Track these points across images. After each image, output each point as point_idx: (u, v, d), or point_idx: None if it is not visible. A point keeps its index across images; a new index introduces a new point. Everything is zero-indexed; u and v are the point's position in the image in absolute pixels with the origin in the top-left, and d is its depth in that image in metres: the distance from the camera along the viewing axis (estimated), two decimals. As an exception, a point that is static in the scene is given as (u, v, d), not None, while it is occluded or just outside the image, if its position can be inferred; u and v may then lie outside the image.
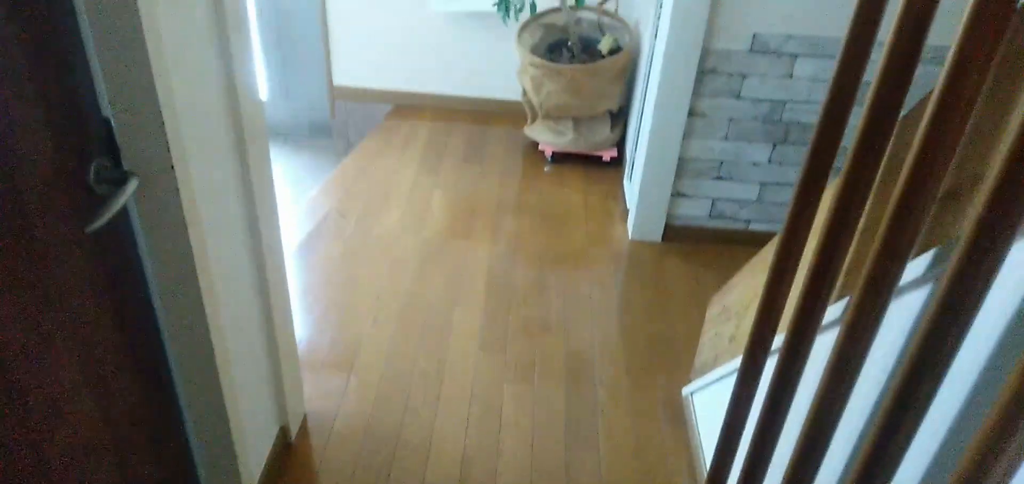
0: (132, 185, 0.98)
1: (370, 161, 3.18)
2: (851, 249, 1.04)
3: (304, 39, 3.60)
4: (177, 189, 1.04)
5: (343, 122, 3.69)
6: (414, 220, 2.77)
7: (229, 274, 1.32)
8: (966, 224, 0.70)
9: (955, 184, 0.93)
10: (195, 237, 1.12)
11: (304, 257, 2.54)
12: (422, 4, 3.34)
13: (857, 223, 0.96)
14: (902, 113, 0.95)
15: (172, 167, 1.02)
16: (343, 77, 3.57)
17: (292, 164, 3.65)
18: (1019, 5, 0.74)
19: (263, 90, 3.78)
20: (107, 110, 0.98)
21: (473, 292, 2.40)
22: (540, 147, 3.25)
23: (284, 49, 3.64)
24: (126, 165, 1.03)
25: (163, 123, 0.98)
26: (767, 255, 1.52)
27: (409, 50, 3.49)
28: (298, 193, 3.38)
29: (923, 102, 1.11)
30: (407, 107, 3.64)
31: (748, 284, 1.61)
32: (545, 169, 3.20)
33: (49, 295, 0.89)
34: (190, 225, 1.10)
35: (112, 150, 1.01)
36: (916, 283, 0.96)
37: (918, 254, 0.93)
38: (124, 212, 1.07)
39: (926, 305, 0.94)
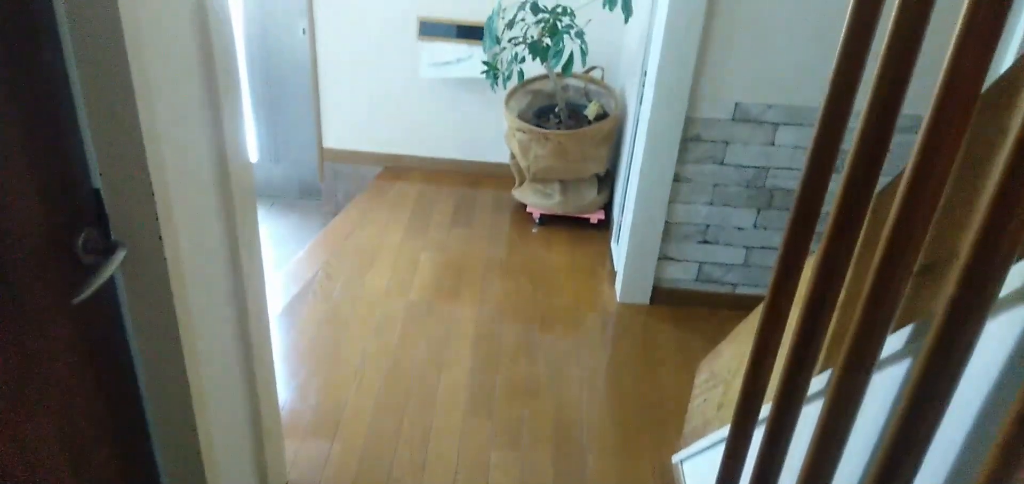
0: (119, 256, 0.98)
1: (357, 223, 3.19)
2: (833, 320, 1.06)
3: (295, 102, 3.65)
4: (164, 259, 1.05)
5: (332, 184, 3.72)
6: (400, 282, 2.76)
7: (213, 341, 1.31)
8: (939, 303, 0.71)
9: (933, 258, 0.95)
10: (180, 308, 1.11)
11: (289, 320, 2.52)
12: (412, 70, 3.42)
13: (837, 297, 0.97)
14: (879, 186, 0.98)
15: (160, 237, 1.03)
16: (333, 139, 3.61)
17: (280, 225, 3.65)
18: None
19: (253, 152, 3.81)
20: (97, 180, 0.99)
21: (459, 355, 2.38)
22: (528, 209, 3.28)
23: (275, 111, 3.69)
24: (114, 235, 1.03)
25: (153, 194, 0.99)
26: (754, 322, 1.53)
27: (399, 114, 3.55)
28: (286, 254, 3.38)
29: (898, 177, 1.14)
30: (396, 169, 3.68)
31: (735, 351, 1.62)
32: (533, 231, 3.23)
33: (31, 363, 0.88)
34: (176, 296, 1.10)
35: (101, 220, 1.02)
36: (897, 356, 0.97)
37: (898, 327, 0.95)
38: (110, 281, 1.06)
39: (906, 379, 0.95)
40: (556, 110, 3.16)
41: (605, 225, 3.26)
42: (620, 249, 2.76)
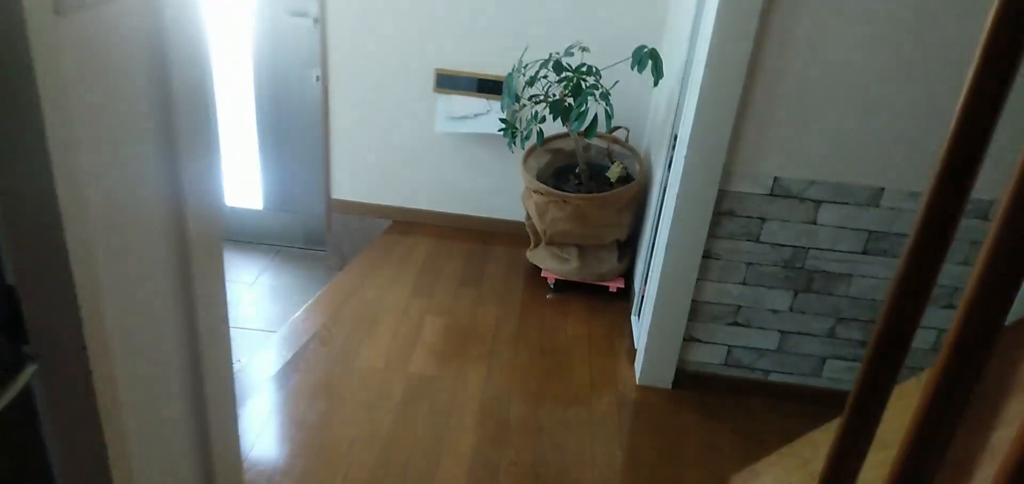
0: (28, 372, 0.79)
1: (361, 280, 3.00)
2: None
3: (304, 150, 3.51)
4: (88, 370, 0.85)
5: (339, 235, 3.55)
6: (401, 351, 2.55)
7: (157, 430, 1.10)
8: None
9: None
10: (110, 426, 0.91)
11: (277, 390, 2.31)
12: (427, 123, 3.26)
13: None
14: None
15: (84, 347, 0.83)
16: (342, 191, 3.46)
17: (283, 277, 3.48)
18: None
19: (257, 200, 3.66)
20: (11, 276, 0.81)
21: (461, 439, 2.15)
22: (542, 273, 3.07)
23: (282, 159, 3.55)
24: (32, 342, 0.84)
25: (75, 296, 0.80)
26: (802, 451, 1.30)
27: (411, 167, 3.39)
28: (285, 310, 3.20)
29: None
30: (406, 223, 3.50)
31: (779, 478, 1.38)
32: (547, 297, 3.01)
33: None
34: (103, 413, 0.90)
35: (16, 323, 0.83)
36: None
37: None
38: (28, 391, 0.87)
39: None
40: (576, 171, 2.98)
41: (624, 294, 3.04)
42: (641, 326, 2.53)
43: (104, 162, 0.86)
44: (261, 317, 3.15)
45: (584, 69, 2.62)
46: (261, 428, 2.14)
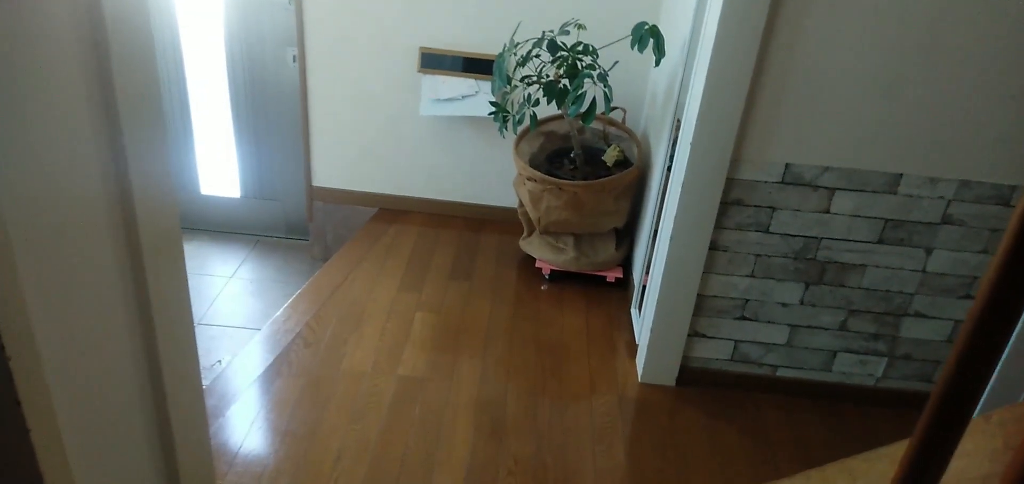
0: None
1: (346, 274, 2.85)
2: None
3: (282, 135, 3.32)
4: (17, 401, 0.70)
5: (321, 223, 3.38)
6: (390, 351, 2.41)
7: (111, 479, 0.96)
8: None
9: None
10: (49, 460, 0.76)
11: (259, 396, 2.17)
12: (412, 106, 3.09)
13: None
14: None
15: (10, 376, 0.68)
16: (323, 177, 3.28)
17: (263, 269, 3.31)
18: None
19: (235, 188, 3.48)
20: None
21: (454, 445, 2.03)
22: (537, 263, 2.94)
23: (260, 145, 3.36)
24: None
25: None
26: (837, 479, 1.18)
27: (396, 153, 3.22)
28: (266, 304, 3.04)
29: None
30: (392, 210, 3.34)
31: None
32: (542, 288, 2.88)
33: None
34: (40, 450, 0.75)
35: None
36: None
37: None
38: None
39: None
40: (571, 155, 2.83)
41: (623, 283, 2.91)
42: (643, 321, 2.41)
43: (29, 150, 0.71)
44: (242, 313, 2.99)
45: (580, 48, 2.45)
46: (242, 440, 2.00)
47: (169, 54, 3.17)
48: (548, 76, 2.50)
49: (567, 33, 2.48)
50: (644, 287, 2.50)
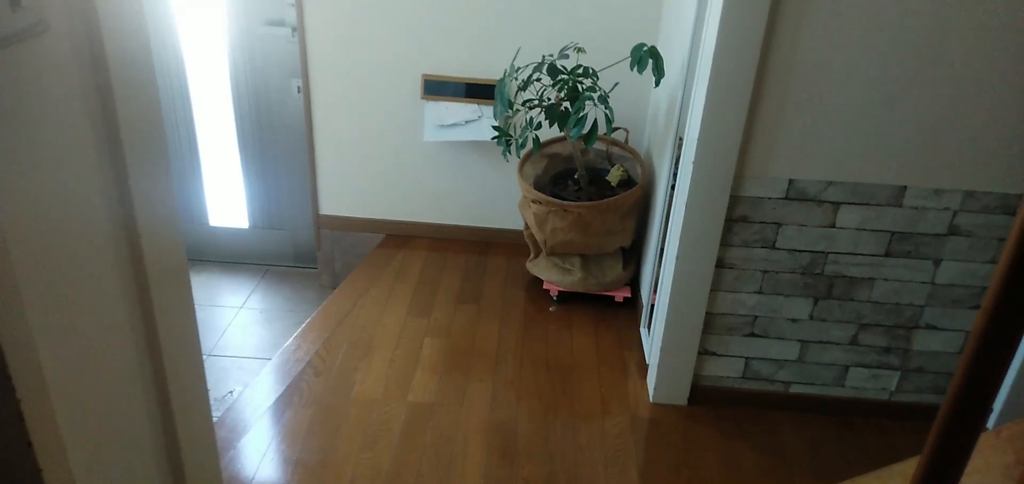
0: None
1: (354, 301, 2.86)
2: None
3: (289, 165, 3.36)
4: (28, 441, 0.71)
5: (329, 251, 3.40)
6: (400, 378, 2.41)
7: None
8: None
9: None
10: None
11: (271, 426, 2.17)
12: (415, 132, 3.12)
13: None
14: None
15: (20, 413, 0.69)
16: (330, 206, 3.30)
17: (272, 299, 3.33)
18: None
19: (242, 218, 3.51)
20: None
21: (466, 469, 2.02)
22: (544, 285, 2.94)
23: (267, 175, 3.39)
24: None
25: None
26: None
27: (402, 179, 3.24)
28: (275, 334, 3.05)
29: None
30: (399, 237, 3.36)
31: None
32: (550, 309, 2.88)
33: None
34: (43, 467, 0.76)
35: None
36: None
37: None
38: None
39: None
40: (575, 176, 2.84)
41: (631, 302, 2.90)
42: (652, 340, 2.40)
43: (35, 191, 0.72)
44: (252, 343, 3.00)
45: (580, 71, 2.47)
46: (255, 471, 2.00)
47: (175, 88, 3.21)
48: (549, 99, 2.52)
49: (566, 57, 2.50)
50: (652, 306, 2.49)
